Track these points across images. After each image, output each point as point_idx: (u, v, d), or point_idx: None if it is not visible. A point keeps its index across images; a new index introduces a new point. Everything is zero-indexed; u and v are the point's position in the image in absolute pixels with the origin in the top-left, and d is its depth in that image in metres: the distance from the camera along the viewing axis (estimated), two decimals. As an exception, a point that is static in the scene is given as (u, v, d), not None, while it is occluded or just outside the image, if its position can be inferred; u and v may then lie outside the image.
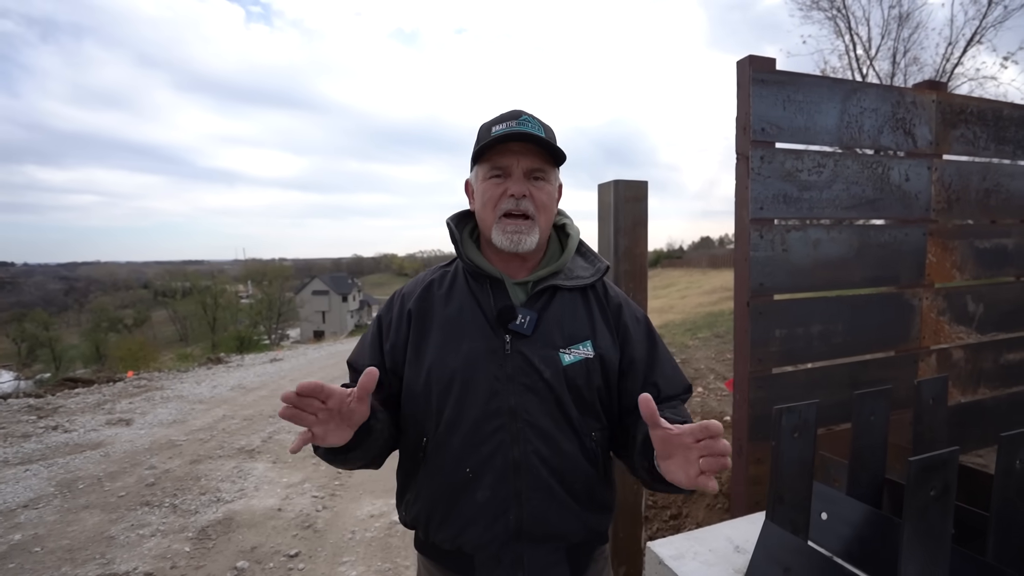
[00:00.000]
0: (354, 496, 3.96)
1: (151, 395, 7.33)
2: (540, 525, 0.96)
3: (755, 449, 1.81)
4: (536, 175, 0.99)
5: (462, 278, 1.05)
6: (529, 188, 0.98)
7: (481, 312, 1.00)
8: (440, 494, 0.98)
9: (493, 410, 0.96)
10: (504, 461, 0.95)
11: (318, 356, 12.42)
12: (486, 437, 0.95)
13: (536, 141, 0.96)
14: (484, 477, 0.95)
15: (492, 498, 0.95)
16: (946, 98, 2.16)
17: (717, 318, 11.06)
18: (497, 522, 0.95)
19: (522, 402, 0.96)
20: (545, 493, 0.95)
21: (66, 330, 49.52)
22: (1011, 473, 0.90)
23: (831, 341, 1.97)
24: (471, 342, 0.98)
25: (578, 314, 1.02)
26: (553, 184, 1.02)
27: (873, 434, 1.16)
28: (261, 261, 69.34)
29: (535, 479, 0.95)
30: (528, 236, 0.98)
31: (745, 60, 1.77)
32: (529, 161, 0.97)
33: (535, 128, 0.97)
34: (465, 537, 0.96)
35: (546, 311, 1.00)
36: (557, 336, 0.99)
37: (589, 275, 1.05)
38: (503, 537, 0.95)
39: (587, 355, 0.99)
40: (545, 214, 1.00)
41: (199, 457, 4.76)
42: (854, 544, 1.07)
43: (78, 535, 3.33)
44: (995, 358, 2.36)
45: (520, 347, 0.97)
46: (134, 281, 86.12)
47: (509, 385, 0.96)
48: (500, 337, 0.98)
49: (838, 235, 1.96)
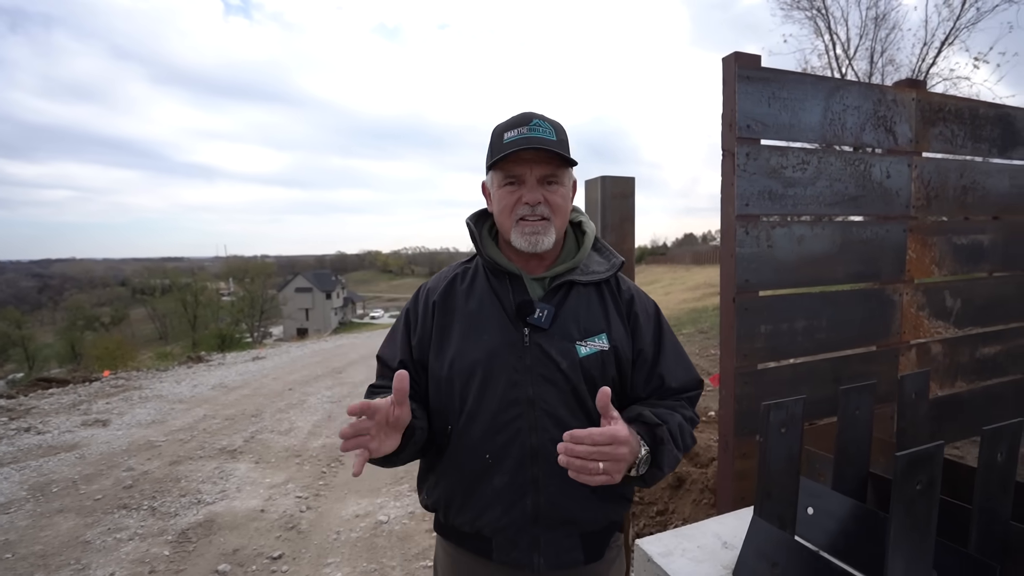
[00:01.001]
0: (339, 496, 3.92)
1: (129, 395, 7.16)
2: (556, 510, 1.00)
3: (741, 444, 1.83)
4: (549, 180, 1.03)
5: (482, 274, 1.10)
6: (543, 194, 1.02)
7: (501, 306, 1.05)
8: (460, 479, 1.03)
9: (512, 400, 1.00)
10: (522, 449, 1.00)
11: (301, 354, 12.26)
12: (505, 425, 1.00)
13: (547, 149, 0.99)
14: (503, 463, 1.00)
15: (510, 483, 1.00)
16: (925, 96, 2.19)
17: (701, 314, 11.19)
18: (515, 507, 1.00)
19: (540, 392, 1.00)
20: (561, 480, 0.97)
21: (40, 329, 48.19)
22: (993, 466, 0.91)
23: (815, 336, 1.99)
24: (491, 335, 1.03)
25: (593, 308, 1.06)
26: (567, 185, 1.06)
27: (858, 428, 1.17)
28: (243, 258, 68.25)
29: (552, 466, 0.97)
30: (545, 236, 1.03)
31: (731, 57, 1.77)
32: (541, 169, 1.02)
33: (546, 133, 1.00)
34: (484, 520, 1.02)
35: (563, 305, 1.05)
36: (574, 329, 1.03)
37: (604, 270, 1.10)
38: (520, 521, 1.00)
39: (603, 347, 1.04)
40: (560, 215, 1.05)
41: (179, 458, 4.66)
42: (840, 538, 1.08)
43: (51, 540, 3.23)
44: (971, 352, 2.42)
45: (538, 340, 1.02)
46: (111, 278, 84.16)
47: (528, 376, 1.01)
48: (519, 330, 1.02)
49: (822, 231, 1.98)
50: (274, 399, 6.91)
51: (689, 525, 1.30)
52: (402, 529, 3.39)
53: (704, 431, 3.76)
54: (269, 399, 6.92)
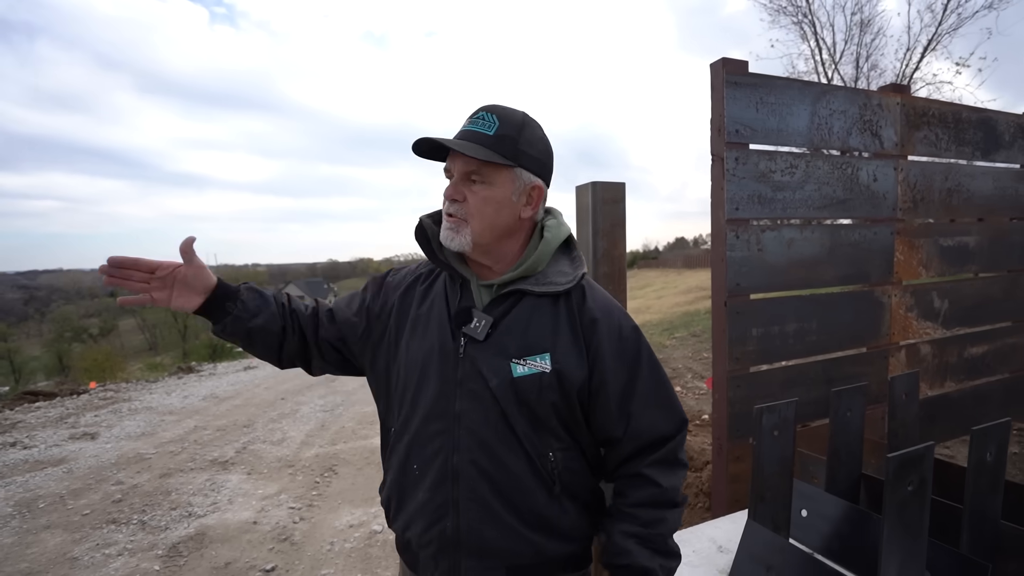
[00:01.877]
0: (332, 506, 3.88)
1: (118, 407, 7.05)
2: (476, 538, 0.93)
3: (734, 447, 1.83)
4: (472, 178, 0.94)
5: (444, 275, 1.04)
6: (464, 191, 0.95)
7: (447, 311, 0.99)
8: (396, 485, 1.00)
9: (439, 412, 0.95)
10: (444, 466, 0.94)
11: (294, 363, 12.15)
12: (430, 438, 0.95)
13: (465, 150, 0.90)
14: (426, 478, 0.95)
15: (430, 501, 0.94)
16: (910, 101, 2.23)
17: (693, 317, 11.24)
18: (435, 526, 0.94)
19: (466, 409, 0.93)
20: (481, 507, 0.92)
21: (26, 341, 47.44)
22: (983, 466, 0.92)
23: (806, 339, 2.00)
24: (431, 340, 0.98)
25: (541, 323, 0.95)
26: (495, 185, 0.94)
27: (850, 431, 1.18)
28: (234, 267, 67.68)
29: (471, 491, 0.92)
30: (458, 236, 0.94)
31: (719, 63, 1.79)
32: (463, 164, 0.94)
33: (485, 127, 0.93)
34: (411, 532, 0.97)
35: (505, 317, 0.96)
36: (511, 345, 0.94)
37: (566, 281, 0.98)
38: (440, 542, 0.94)
39: (542, 368, 0.92)
40: (480, 219, 0.94)
41: (169, 471, 4.59)
42: (834, 540, 1.08)
43: (38, 557, 3.17)
44: (959, 352, 2.45)
45: (472, 352, 0.94)
46: (99, 289, 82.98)
47: (457, 389, 0.94)
48: (456, 339, 0.96)
49: (811, 235, 2.00)
50: (266, 409, 6.84)
51: (684, 529, 1.30)
52: (388, 544, 3.36)
53: (698, 435, 3.77)
54: (261, 409, 6.84)
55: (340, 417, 6.30)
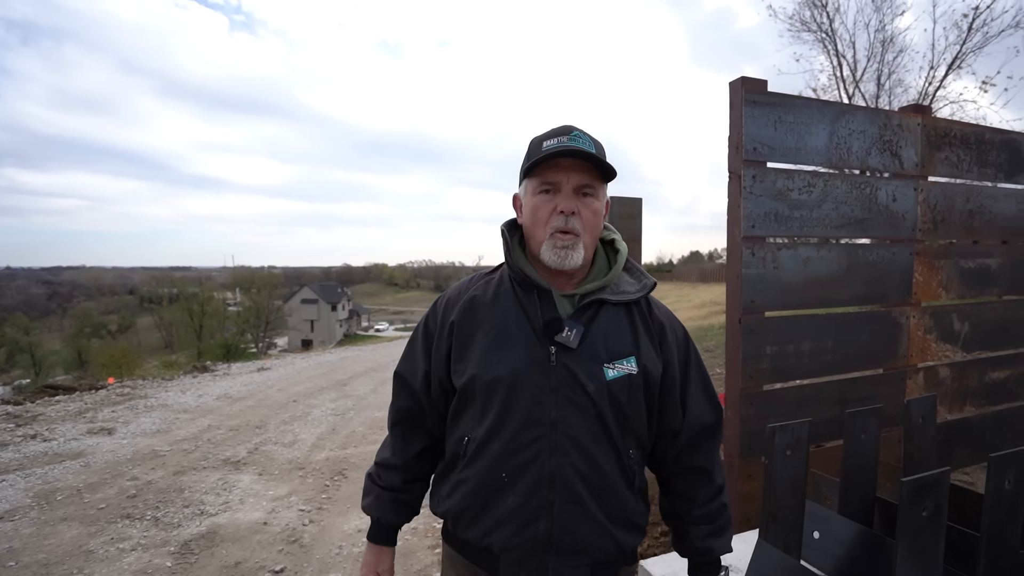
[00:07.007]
0: (342, 510, 3.90)
1: (135, 403, 7.18)
2: (569, 538, 0.97)
3: (746, 465, 1.82)
4: (585, 191, 1.01)
5: (508, 286, 1.07)
6: (577, 205, 1.00)
7: (528, 321, 1.02)
8: (474, 493, 1.01)
9: (535, 420, 0.98)
10: (540, 471, 0.97)
11: (306, 366, 12.26)
12: (525, 445, 0.98)
13: (587, 157, 0.98)
14: (518, 484, 0.98)
15: (523, 505, 0.97)
16: (931, 122, 2.22)
17: (707, 332, 11.13)
18: (527, 529, 0.97)
19: (564, 415, 0.98)
20: (577, 507, 0.97)
21: (47, 335, 48.54)
22: (1001, 494, 0.91)
23: (821, 358, 1.99)
24: (517, 351, 1.00)
25: (623, 329, 1.03)
26: (601, 200, 1.04)
27: (864, 453, 1.17)
28: (250, 268, 68.79)
29: (569, 492, 0.96)
30: (574, 253, 1.00)
31: (738, 81, 1.81)
32: (579, 177, 1.00)
33: (586, 144, 0.99)
34: (493, 538, 0.99)
35: (592, 325, 1.01)
36: (602, 350, 1.00)
37: (635, 291, 1.07)
38: (529, 544, 0.97)
39: (631, 371, 1.00)
40: (590, 231, 1.02)
41: (183, 468, 4.66)
42: (846, 564, 1.07)
43: (55, 549, 3.23)
44: (980, 376, 2.40)
45: (565, 360, 0.99)
46: (119, 286, 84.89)
47: (553, 396, 0.98)
48: (546, 348, 0.99)
49: (828, 253, 1.99)
50: (278, 411, 6.91)
51: (695, 547, 1.29)
52: (404, 545, 3.36)
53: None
54: (273, 410, 6.92)
55: (351, 421, 6.34)
